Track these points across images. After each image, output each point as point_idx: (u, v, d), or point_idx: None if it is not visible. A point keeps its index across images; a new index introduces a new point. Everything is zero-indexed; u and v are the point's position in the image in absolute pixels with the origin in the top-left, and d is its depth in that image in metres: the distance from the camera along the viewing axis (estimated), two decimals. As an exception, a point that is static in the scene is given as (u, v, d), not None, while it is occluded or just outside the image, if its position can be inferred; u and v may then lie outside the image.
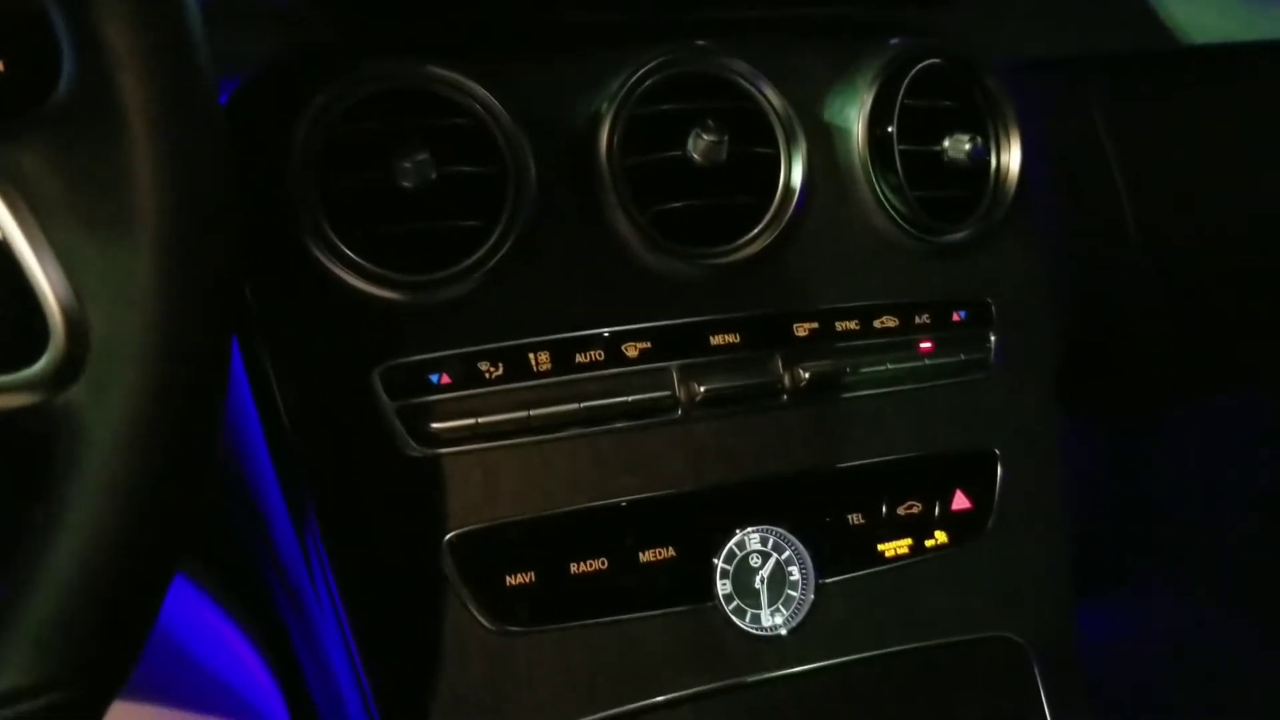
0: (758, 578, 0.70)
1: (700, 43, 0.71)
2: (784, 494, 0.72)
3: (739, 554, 0.70)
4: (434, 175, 0.64)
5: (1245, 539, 1.60)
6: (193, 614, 0.71)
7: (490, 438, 0.65)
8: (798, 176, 0.72)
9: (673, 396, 0.69)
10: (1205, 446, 1.60)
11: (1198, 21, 0.98)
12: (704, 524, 0.70)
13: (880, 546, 0.74)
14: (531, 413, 0.65)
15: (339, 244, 0.63)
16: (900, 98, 0.74)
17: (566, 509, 0.67)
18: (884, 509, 0.74)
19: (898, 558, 0.74)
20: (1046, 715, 0.77)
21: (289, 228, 0.63)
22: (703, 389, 0.69)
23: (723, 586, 0.70)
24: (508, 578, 0.65)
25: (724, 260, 0.71)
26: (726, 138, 0.69)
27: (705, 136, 0.68)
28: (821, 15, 0.79)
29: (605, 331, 0.68)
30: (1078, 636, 0.80)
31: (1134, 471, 1.65)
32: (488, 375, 0.66)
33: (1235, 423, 1.56)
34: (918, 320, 0.77)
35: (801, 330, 0.73)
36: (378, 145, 0.64)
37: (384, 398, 0.64)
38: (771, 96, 0.72)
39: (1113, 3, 0.96)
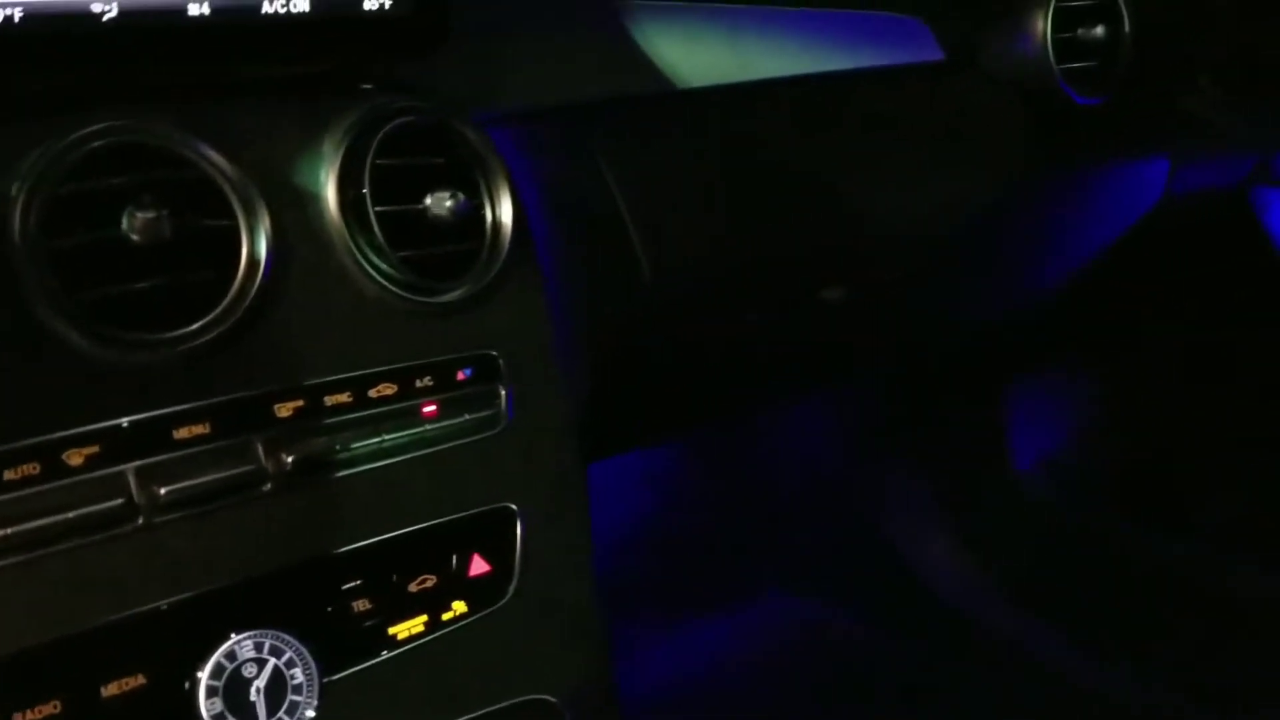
0: (253, 689, 0.64)
1: (133, 110, 0.65)
2: (278, 591, 0.67)
3: (229, 666, 0.64)
4: None
5: (819, 532, 1.73)
6: None
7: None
8: (262, 248, 0.67)
9: (129, 504, 0.61)
10: (775, 453, 1.71)
11: (694, 65, 1.03)
12: (183, 639, 0.63)
13: (392, 630, 0.70)
14: None
15: None
16: (370, 158, 0.71)
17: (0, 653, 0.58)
18: (393, 588, 0.71)
19: (413, 638, 0.71)
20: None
21: None
22: (165, 490, 0.62)
23: (211, 706, 0.63)
24: None
25: (186, 345, 0.64)
26: (166, 212, 0.62)
27: (140, 214, 0.62)
28: (288, 75, 0.75)
29: (35, 441, 0.60)
30: (613, 685, 0.80)
31: (719, 486, 1.74)
32: None
33: (793, 427, 1.69)
34: (419, 384, 0.74)
35: (284, 410, 0.68)
36: None
37: None
38: (221, 163, 0.66)
39: (609, 51, 0.98)
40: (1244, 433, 1.63)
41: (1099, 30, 1.22)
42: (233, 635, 0.64)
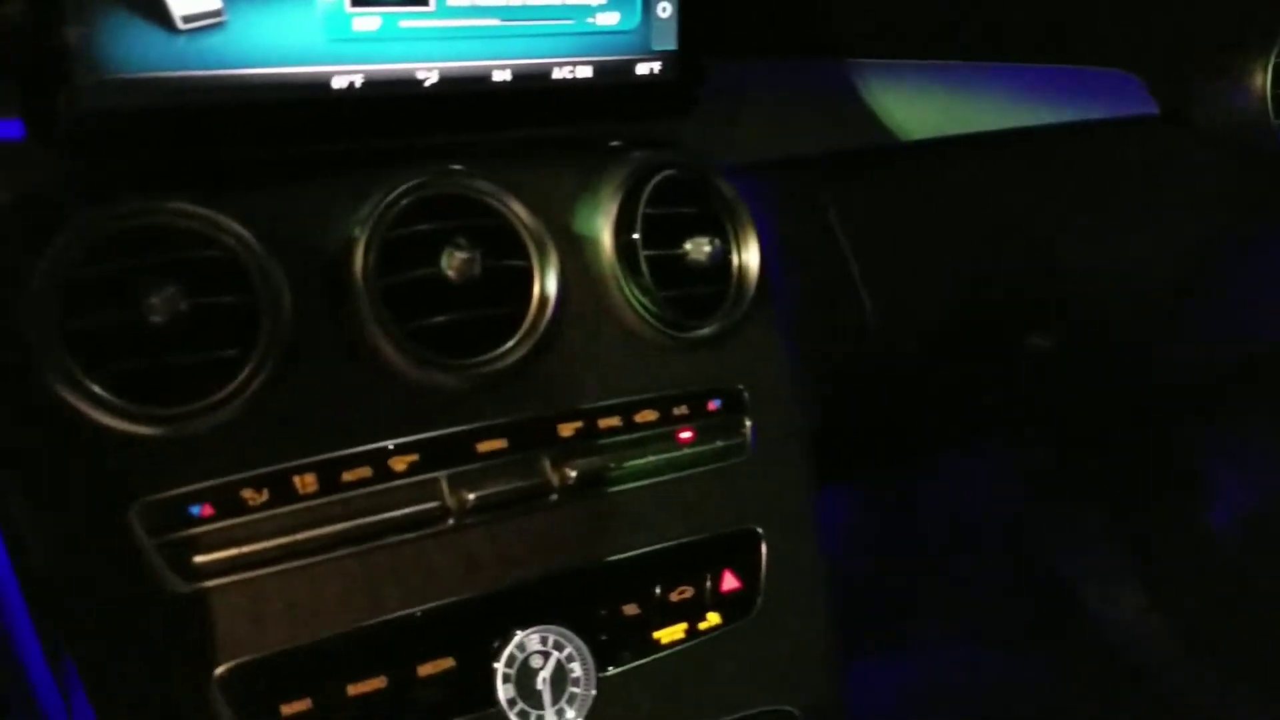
0: (539, 678, 0.72)
1: (450, 166, 0.74)
2: (560, 592, 0.74)
3: (520, 656, 0.72)
4: (184, 307, 0.63)
5: (997, 576, 1.73)
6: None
7: (257, 565, 0.65)
8: (551, 286, 0.76)
9: (443, 506, 0.70)
10: (954, 495, 1.73)
11: (915, 119, 1.09)
12: (483, 630, 0.71)
13: (656, 634, 0.77)
14: (297, 536, 0.65)
15: (86, 382, 0.61)
16: (641, 207, 0.79)
17: (340, 630, 0.67)
18: (657, 596, 0.77)
19: (675, 643, 0.77)
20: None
21: (28, 368, 0.61)
22: (472, 496, 0.71)
23: (505, 691, 0.71)
24: (283, 707, 0.64)
25: (487, 370, 0.73)
26: (479, 253, 0.71)
27: (458, 254, 0.71)
28: (566, 134, 0.83)
29: (370, 447, 0.69)
30: (847, 700, 0.85)
31: (898, 528, 1.76)
32: (251, 503, 0.65)
33: (973, 471, 1.70)
34: (676, 412, 0.81)
35: (566, 431, 0.76)
36: (125, 280, 0.63)
37: (142, 535, 0.63)
38: (520, 212, 0.75)
39: (838, 109, 1.05)
40: None
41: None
42: (523, 630, 0.72)
